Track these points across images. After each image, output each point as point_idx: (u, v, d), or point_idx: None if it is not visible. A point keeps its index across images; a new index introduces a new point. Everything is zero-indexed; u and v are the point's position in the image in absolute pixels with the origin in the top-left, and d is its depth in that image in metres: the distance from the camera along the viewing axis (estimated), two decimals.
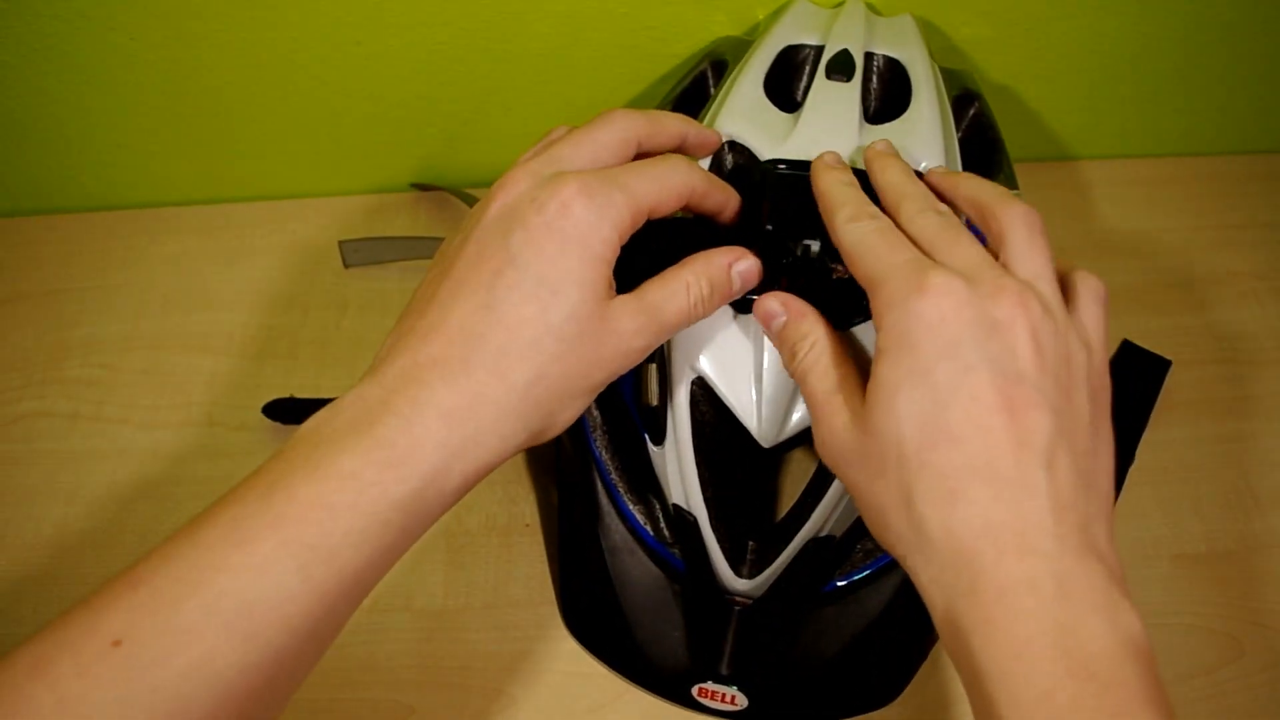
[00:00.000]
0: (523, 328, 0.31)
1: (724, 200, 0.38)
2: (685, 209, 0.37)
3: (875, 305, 0.32)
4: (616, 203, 0.33)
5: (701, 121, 0.44)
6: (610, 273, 0.33)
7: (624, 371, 0.35)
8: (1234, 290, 0.60)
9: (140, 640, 0.26)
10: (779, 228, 0.39)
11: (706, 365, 0.40)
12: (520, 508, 0.51)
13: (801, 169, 0.39)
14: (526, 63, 0.55)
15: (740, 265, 0.36)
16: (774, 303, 0.36)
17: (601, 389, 0.34)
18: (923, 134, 0.43)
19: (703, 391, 0.40)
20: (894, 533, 0.31)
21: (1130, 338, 0.56)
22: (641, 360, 0.35)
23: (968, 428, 0.29)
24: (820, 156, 0.39)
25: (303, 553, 0.28)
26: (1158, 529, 0.51)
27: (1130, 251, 0.61)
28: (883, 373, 0.31)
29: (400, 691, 0.46)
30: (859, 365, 0.35)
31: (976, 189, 0.36)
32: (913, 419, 0.30)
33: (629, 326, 0.33)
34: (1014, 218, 0.34)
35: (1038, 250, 0.33)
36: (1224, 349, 0.57)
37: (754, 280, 0.37)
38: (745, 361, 0.40)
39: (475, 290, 0.32)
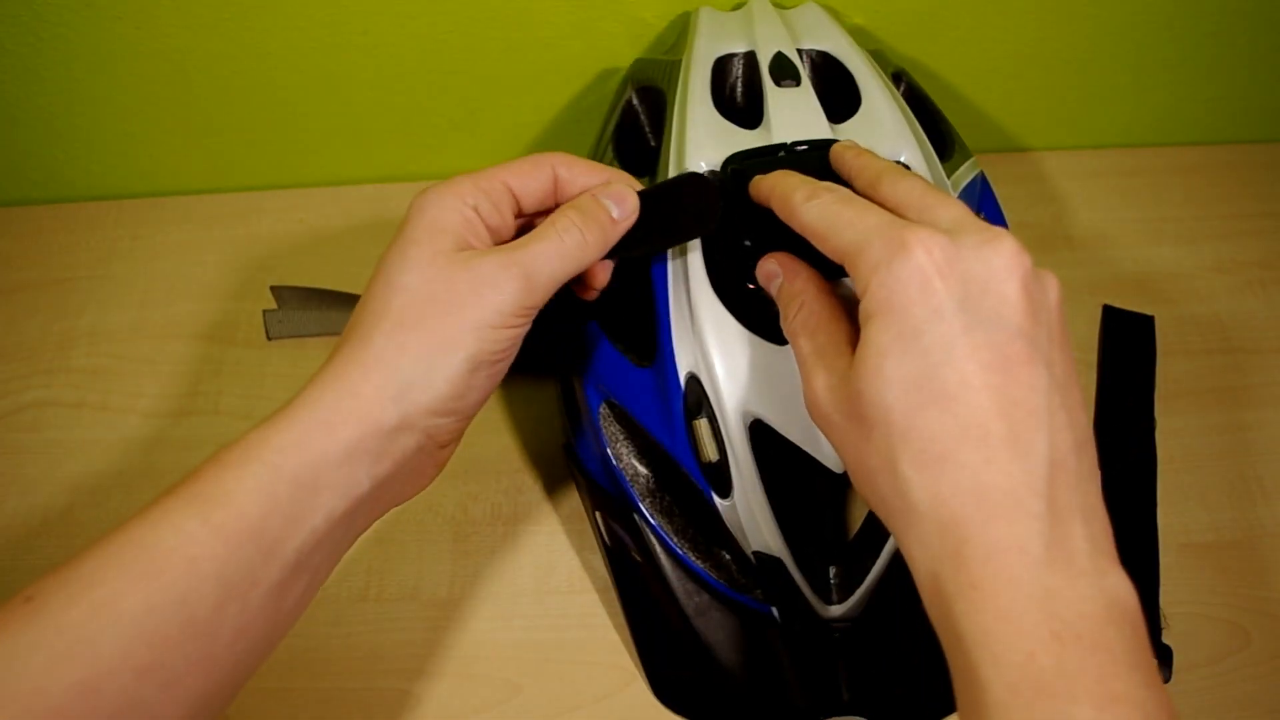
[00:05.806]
0: (371, 298, 0.35)
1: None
2: None
3: (857, 273, 0.31)
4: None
5: (666, 158, 0.43)
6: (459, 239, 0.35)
7: (494, 316, 0.34)
8: (1238, 279, 0.59)
9: (48, 593, 0.28)
10: (760, 227, 0.38)
11: (762, 408, 0.38)
12: (526, 497, 0.51)
13: (762, 155, 0.39)
14: (533, 51, 0.55)
15: (611, 190, 0.37)
16: (773, 264, 0.37)
17: (479, 334, 0.34)
18: (889, 126, 0.43)
19: (763, 434, 0.39)
20: (879, 496, 0.31)
21: None
22: (519, 314, 0.34)
23: (961, 389, 0.29)
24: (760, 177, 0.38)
25: (197, 501, 0.30)
26: (1164, 518, 0.51)
27: (1134, 241, 0.61)
28: (870, 337, 0.30)
29: (407, 680, 0.46)
30: (850, 325, 0.34)
31: (920, 188, 0.35)
32: (901, 383, 0.29)
33: (489, 269, 0.34)
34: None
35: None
36: (1228, 338, 0.57)
37: (630, 208, 0.37)
38: (797, 394, 0.37)
39: None
